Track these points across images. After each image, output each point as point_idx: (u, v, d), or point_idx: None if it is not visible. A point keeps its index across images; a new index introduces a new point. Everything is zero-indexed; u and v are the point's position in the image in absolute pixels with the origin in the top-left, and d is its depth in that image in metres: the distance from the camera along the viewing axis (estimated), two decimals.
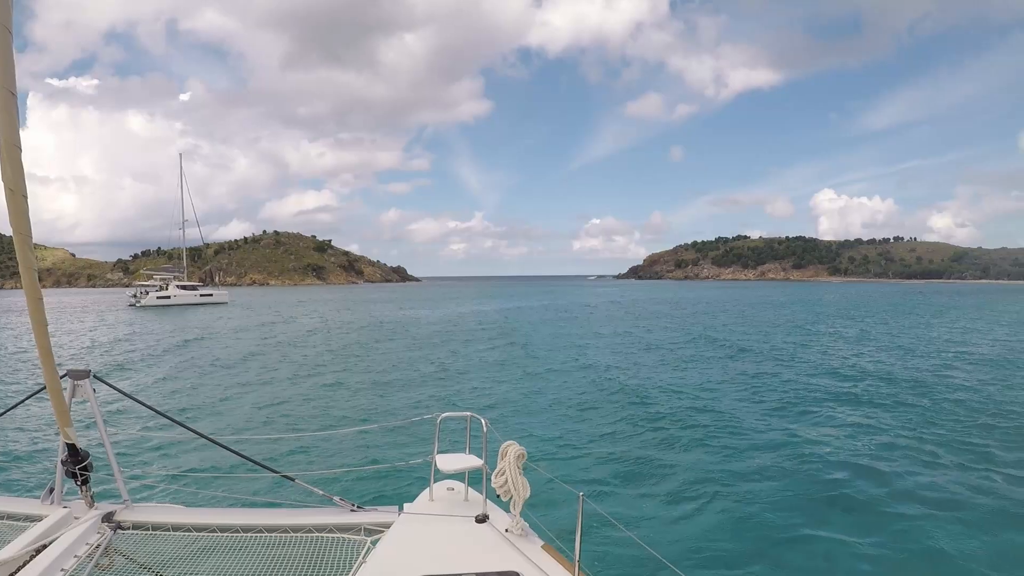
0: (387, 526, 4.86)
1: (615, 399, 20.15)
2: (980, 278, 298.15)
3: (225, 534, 4.71)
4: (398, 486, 11.41)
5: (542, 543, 4.53)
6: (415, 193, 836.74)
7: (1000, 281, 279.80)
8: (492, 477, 4.80)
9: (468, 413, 5.56)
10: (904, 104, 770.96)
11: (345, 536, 4.82)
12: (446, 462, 5.20)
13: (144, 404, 5.62)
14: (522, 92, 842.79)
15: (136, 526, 4.78)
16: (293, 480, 5.46)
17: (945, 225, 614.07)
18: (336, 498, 5.25)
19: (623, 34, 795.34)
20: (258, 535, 4.71)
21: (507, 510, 4.81)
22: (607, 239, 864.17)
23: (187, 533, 4.72)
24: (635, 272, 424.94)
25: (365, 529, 4.94)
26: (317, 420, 17.84)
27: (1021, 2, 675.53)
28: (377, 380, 24.72)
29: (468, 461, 5.24)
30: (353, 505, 5.20)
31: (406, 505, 5.25)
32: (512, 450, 4.74)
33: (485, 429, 5.20)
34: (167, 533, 4.72)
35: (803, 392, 21.58)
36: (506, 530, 4.67)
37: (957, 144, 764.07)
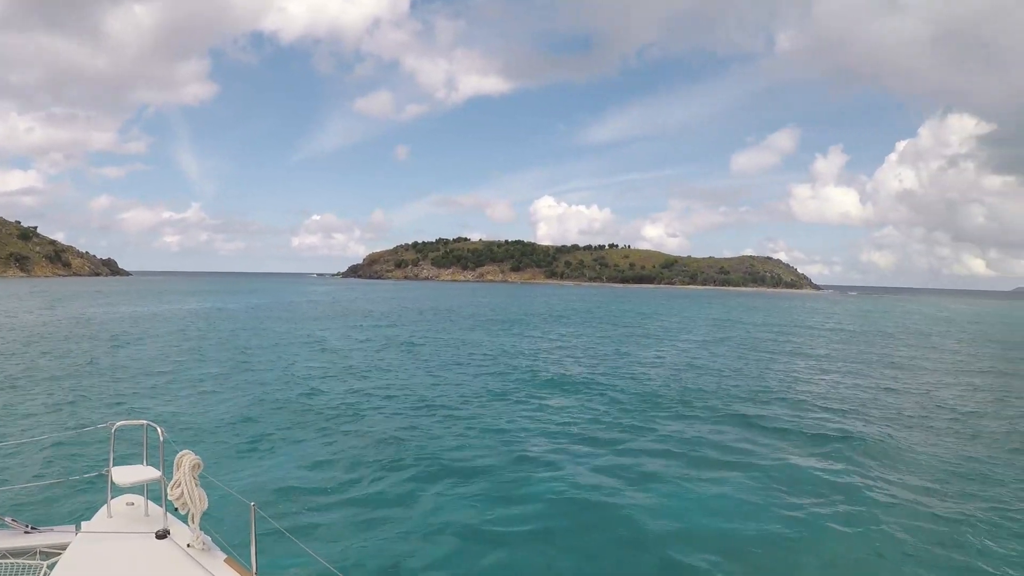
0: (64, 547, 4.70)
1: (296, 405, 19.90)
2: (688, 284, 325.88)
3: None
4: (74, 503, 10.83)
5: (224, 557, 4.51)
6: (130, 179, 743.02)
7: (706, 287, 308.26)
8: (168, 489, 4.73)
9: (144, 421, 5.35)
10: (627, 121, 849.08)
11: (18, 562, 4.68)
12: (123, 475, 5.05)
13: None
14: (251, 78, 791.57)
15: None
16: None
17: (658, 234, 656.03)
18: (7, 519, 5.06)
19: (360, 29, 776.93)
20: None
21: (188, 523, 4.80)
22: (327, 236, 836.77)
23: None
24: (355, 271, 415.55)
25: (40, 552, 4.79)
26: None
27: (741, 39, 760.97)
28: (52, 385, 22.33)
29: (146, 473, 5.10)
30: (27, 526, 5.03)
31: (84, 523, 5.07)
32: (187, 460, 4.70)
33: (162, 438, 5.08)
34: None
35: (485, 393, 22.69)
36: (188, 545, 4.63)
37: (674, 161, 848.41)
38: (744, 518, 11.13)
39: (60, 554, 4.44)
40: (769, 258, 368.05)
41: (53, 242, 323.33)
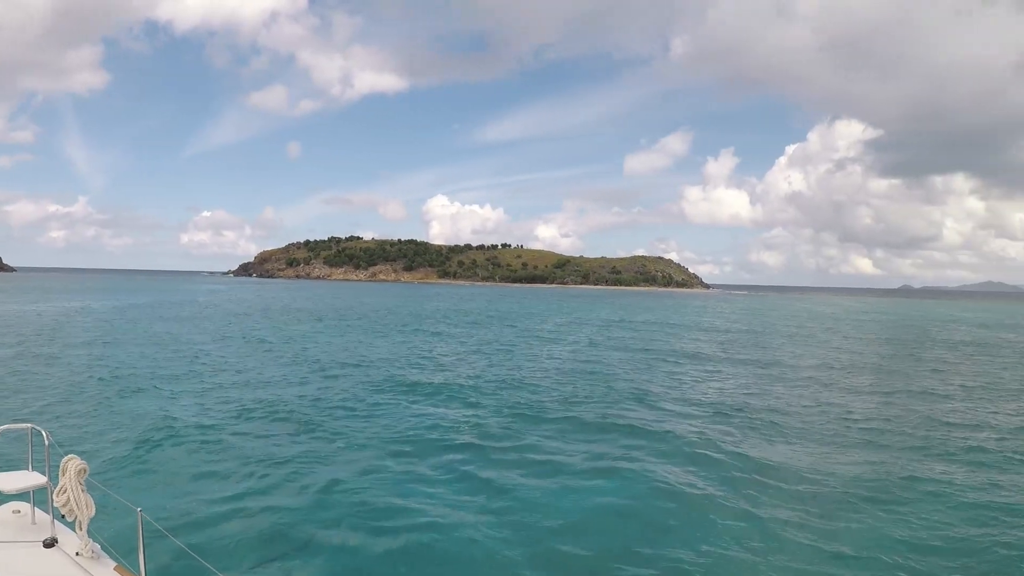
0: None
1: (182, 409, 19.80)
2: (581, 283, 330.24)
3: None
4: None
5: (114, 565, 4.44)
6: (15, 169, 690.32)
7: (599, 286, 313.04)
8: (54, 495, 4.63)
9: (28, 424, 5.23)
10: (522, 121, 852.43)
11: None
12: (7, 481, 4.94)
13: None
14: (144, 68, 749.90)
15: None
16: None
17: (551, 235, 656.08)
18: None
19: (257, 22, 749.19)
20: None
21: (76, 531, 4.69)
22: (217, 233, 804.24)
23: None
24: (246, 269, 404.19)
25: None
26: None
27: (637, 43, 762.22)
28: None
29: (31, 479, 4.99)
30: None
31: None
32: (72, 465, 4.61)
33: (47, 442, 4.95)
34: None
35: (370, 396, 23.00)
36: (77, 553, 4.53)
37: (569, 162, 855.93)
38: (622, 517, 11.55)
39: None
40: (661, 258, 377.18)
41: None
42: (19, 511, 5.06)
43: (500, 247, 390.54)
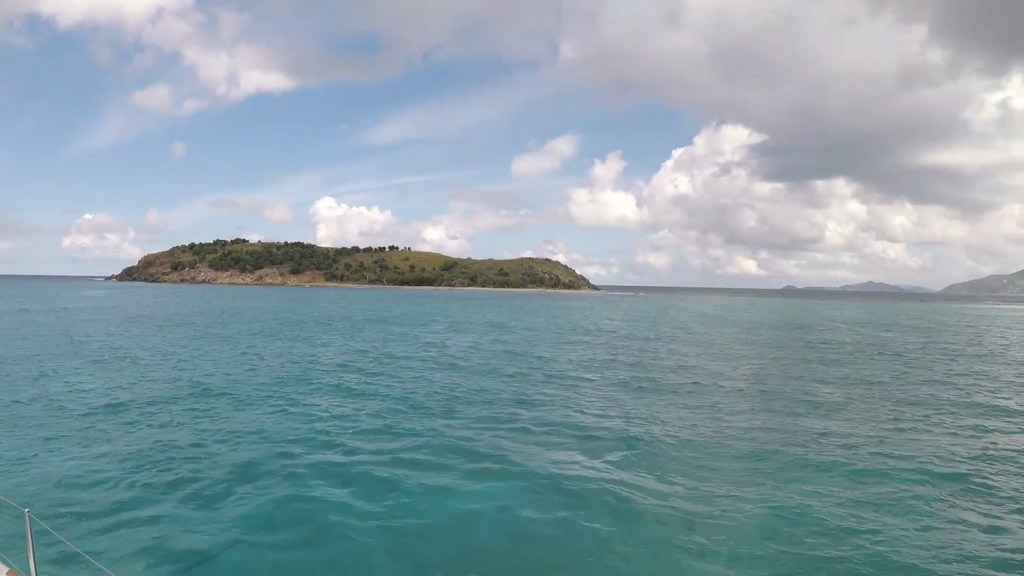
0: None
1: (67, 409, 20.34)
2: (468, 285, 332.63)
3: None
4: None
5: (7, 570, 4.19)
6: None
7: (486, 288, 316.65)
8: None
9: None
10: (411, 123, 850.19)
11: None
12: None
13: None
14: (25, 64, 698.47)
15: None
16: None
17: (439, 237, 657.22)
18: None
19: (142, 17, 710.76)
20: None
21: None
22: (99, 237, 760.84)
23: None
24: (130, 274, 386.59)
25: None
26: None
27: (526, 47, 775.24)
28: None
29: None
30: None
31: None
32: None
33: None
34: None
35: (254, 398, 23.38)
36: None
37: (456, 164, 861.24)
38: (499, 520, 11.88)
39: None
40: (548, 260, 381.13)
41: None
42: None
43: (388, 249, 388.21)
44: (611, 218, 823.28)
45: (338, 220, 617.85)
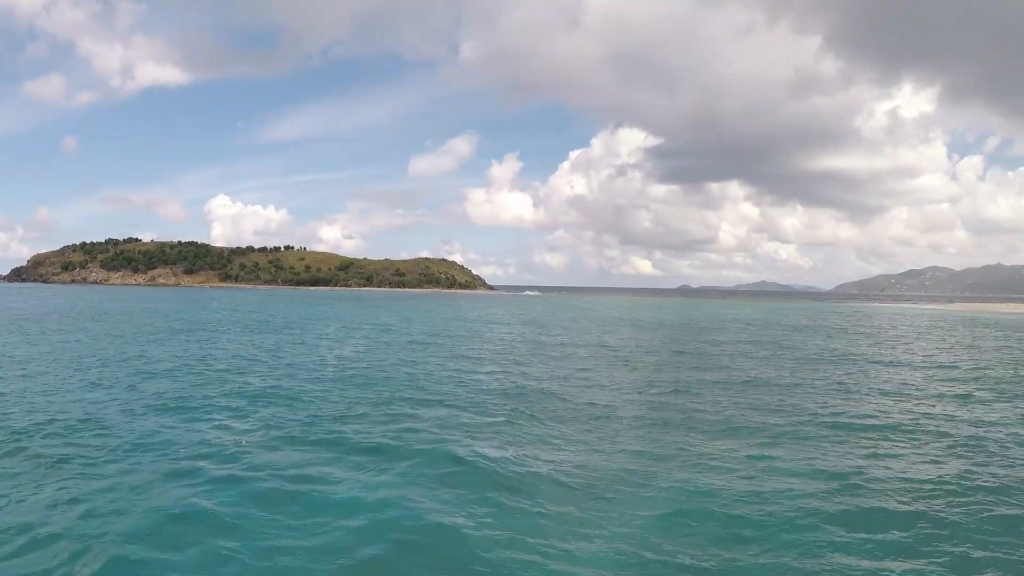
0: None
1: None
2: (364, 285, 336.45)
3: None
4: None
5: None
6: None
7: (382, 288, 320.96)
8: None
9: None
10: (308, 120, 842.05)
11: None
12: None
13: None
14: None
15: None
16: None
17: (334, 236, 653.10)
18: None
19: (36, 4, 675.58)
20: None
21: None
22: None
23: None
24: (19, 274, 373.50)
25: None
26: None
27: (426, 45, 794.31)
28: None
29: None
30: None
31: None
32: None
33: None
34: None
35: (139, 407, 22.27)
36: None
37: (354, 162, 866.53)
38: (386, 523, 11.67)
39: None
40: (444, 260, 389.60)
41: None
42: None
43: (283, 249, 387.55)
44: (508, 218, 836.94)
45: (233, 219, 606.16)
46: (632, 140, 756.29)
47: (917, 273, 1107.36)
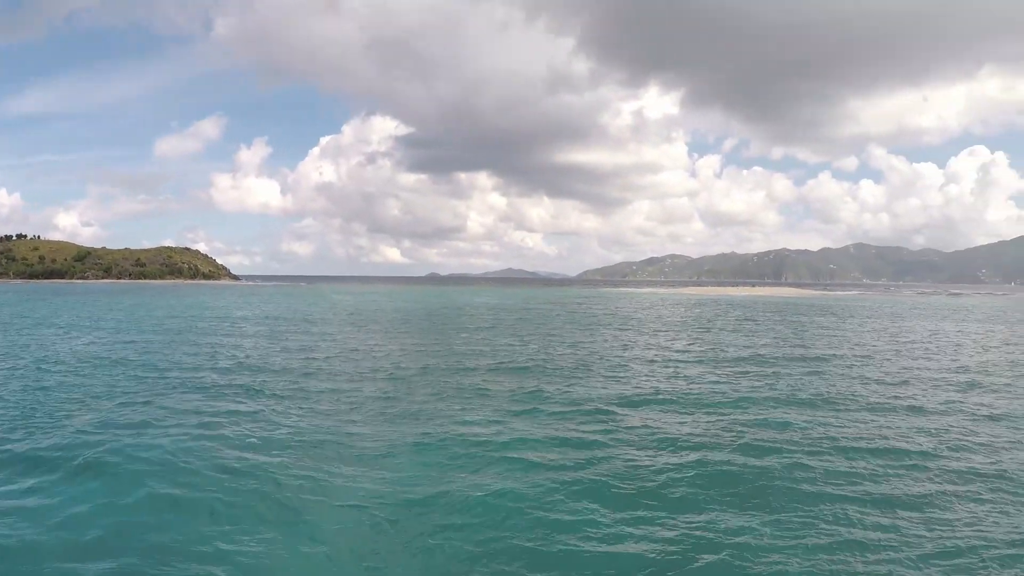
0: None
1: None
2: (103, 277, 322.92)
3: None
4: None
5: None
6: None
7: (122, 280, 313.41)
8: None
9: None
10: (48, 95, 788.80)
11: None
12: None
13: None
14: None
15: None
16: None
17: (72, 224, 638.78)
18: None
19: None
20: None
21: None
22: None
23: None
24: None
25: None
26: None
27: (180, 20, 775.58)
28: None
29: None
30: None
31: None
32: None
33: None
34: None
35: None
36: None
37: (95, 143, 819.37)
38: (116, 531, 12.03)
39: None
40: (188, 249, 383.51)
41: None
42: None
43: (15, 238, 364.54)
44: (255, 205, 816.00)
45: None
46: (384, 128, 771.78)
47: (657, 260, 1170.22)
